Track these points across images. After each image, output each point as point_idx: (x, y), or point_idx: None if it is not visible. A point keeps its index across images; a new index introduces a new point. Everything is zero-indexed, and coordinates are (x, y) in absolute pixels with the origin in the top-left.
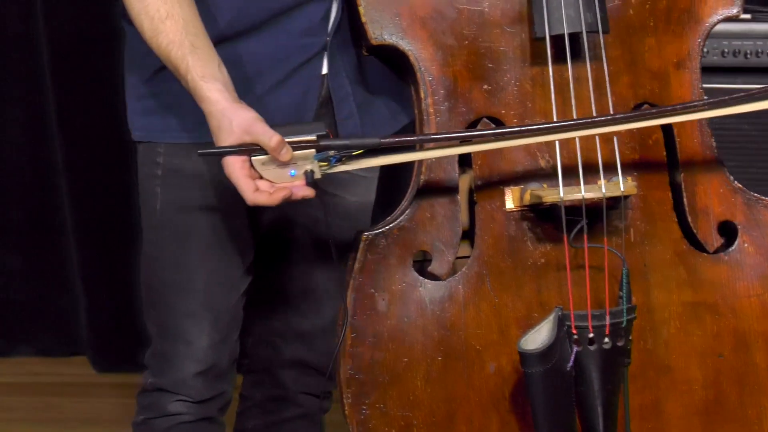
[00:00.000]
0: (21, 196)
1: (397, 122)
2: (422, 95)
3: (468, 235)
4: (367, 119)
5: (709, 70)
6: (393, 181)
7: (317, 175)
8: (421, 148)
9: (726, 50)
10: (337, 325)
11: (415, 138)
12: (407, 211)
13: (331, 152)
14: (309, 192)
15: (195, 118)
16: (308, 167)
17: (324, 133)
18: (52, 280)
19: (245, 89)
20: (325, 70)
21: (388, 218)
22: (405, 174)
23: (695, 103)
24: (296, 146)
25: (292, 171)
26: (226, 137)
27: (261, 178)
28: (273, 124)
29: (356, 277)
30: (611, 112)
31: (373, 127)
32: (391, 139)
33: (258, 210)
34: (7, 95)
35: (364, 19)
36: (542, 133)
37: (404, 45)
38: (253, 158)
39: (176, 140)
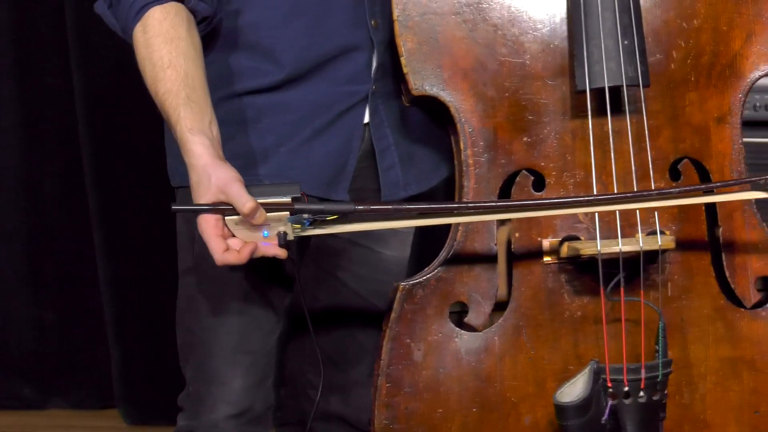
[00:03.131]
0: (54, 249)
1: (439, 173)
2: (462, 146)
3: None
4: (410, 170)
5: (742, 124)
6: (428, 235)
7: (290, 237)
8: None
9: (758, 104)
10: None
11: (390, 207)
12: (445, 263)
13: (305, 215)
14: (281, 252)
15: (238, 161)
16: (281, 228)
17: (298, 195)
18: (85, 334)
19: (291, 133)
20: (367, 119)
21: (426, 269)
22: (441, 228)
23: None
24: (270, 208)
25: (265, 232)
26: (203, 193)
27: (233, 235)
28: (250, 183)
29: (392, 327)
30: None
31: (415, 177)
32: (366, 207)
33: (297, 256)
34: (43, 149)
35: (405, 70)
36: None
37: (445, 96)
38: (226, 218)
39: None
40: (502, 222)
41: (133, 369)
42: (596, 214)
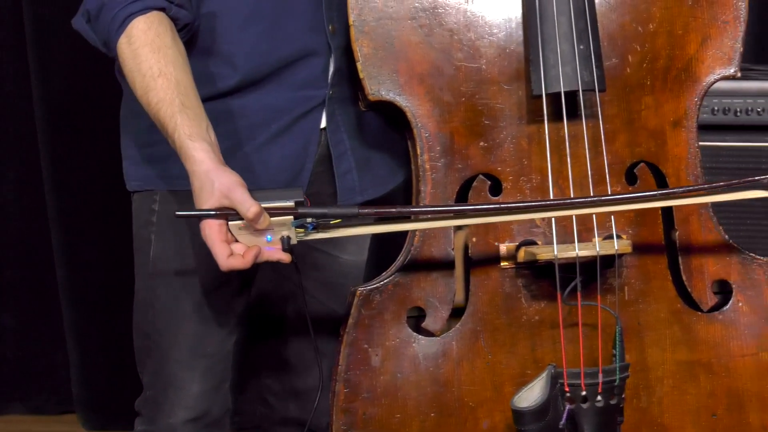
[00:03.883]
0: (14, 254)
1: (395, 179)
2: (419, 151)
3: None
4: (366, 175)
5: (700, 128)
6: (386, 240)
7: (293, 241)
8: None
9: (716, 108)
10: (331, 381)
11: (393, 210)
12: (402, 267)
13: (309, 219)
14: (284, 257)
15: None
16: (285, 233)
17: (301, 199)
18: (44, 339)
19: (247, 137)
20: (323, 124)
21: (383, 274)
22: (398, 232)
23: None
24: (273, 212)
25: (269, 236)
26: (206, 199)
27: (236, 240)
28: (252, 188)
29: (350, 332)
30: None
31: (371, 182)
32: (369, 210)
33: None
34: (1, 155)
35: (362, 75)
36: (537, 210)
37: (401, 101)
38: (230, 223)
39: (176, 187)
40: (458, 227)
41: (92, 374)
42: (553, 218)
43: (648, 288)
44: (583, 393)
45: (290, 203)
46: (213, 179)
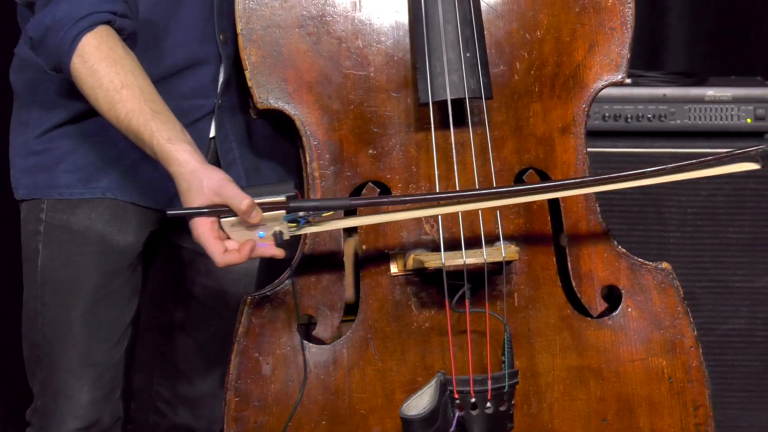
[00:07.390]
0: None
1: (284, 186)
2: (308, 159)
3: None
4: (256, 183)
5: (591, 134)
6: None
7: (285, 236)
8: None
9: (607, 114)
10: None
11: (385, 199)
12: (293, 275)
13: (301, 213)
14: (278, 252)
15: (79, 174)
16: (277, 228)
17: (293, 193)
18: None
19: (134, 147)
20: (212, 133)
21: (275, 281)
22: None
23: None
24: (265, 207)
25: (261, 232)
26: (195, 198)
27: (228, 238)
28: (242, 185)
29: (240, 341)
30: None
31: None
32: (361, 200)
33: (142, 268)
34: None
35: (250, 83)
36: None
37: (290, 109)
38: (222, 220)
39: (62, 196)
40: (349, 234)
41: None
42: (440, 228)
43: (537, 294)
44: (473, 400)
45: (281, 198)
46: (201, 178)
